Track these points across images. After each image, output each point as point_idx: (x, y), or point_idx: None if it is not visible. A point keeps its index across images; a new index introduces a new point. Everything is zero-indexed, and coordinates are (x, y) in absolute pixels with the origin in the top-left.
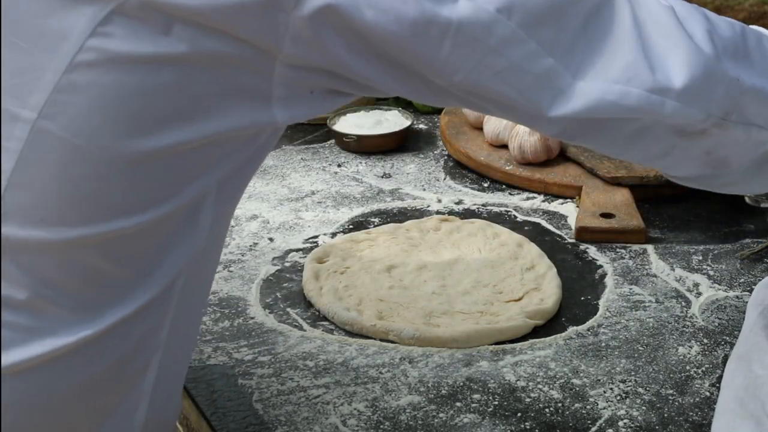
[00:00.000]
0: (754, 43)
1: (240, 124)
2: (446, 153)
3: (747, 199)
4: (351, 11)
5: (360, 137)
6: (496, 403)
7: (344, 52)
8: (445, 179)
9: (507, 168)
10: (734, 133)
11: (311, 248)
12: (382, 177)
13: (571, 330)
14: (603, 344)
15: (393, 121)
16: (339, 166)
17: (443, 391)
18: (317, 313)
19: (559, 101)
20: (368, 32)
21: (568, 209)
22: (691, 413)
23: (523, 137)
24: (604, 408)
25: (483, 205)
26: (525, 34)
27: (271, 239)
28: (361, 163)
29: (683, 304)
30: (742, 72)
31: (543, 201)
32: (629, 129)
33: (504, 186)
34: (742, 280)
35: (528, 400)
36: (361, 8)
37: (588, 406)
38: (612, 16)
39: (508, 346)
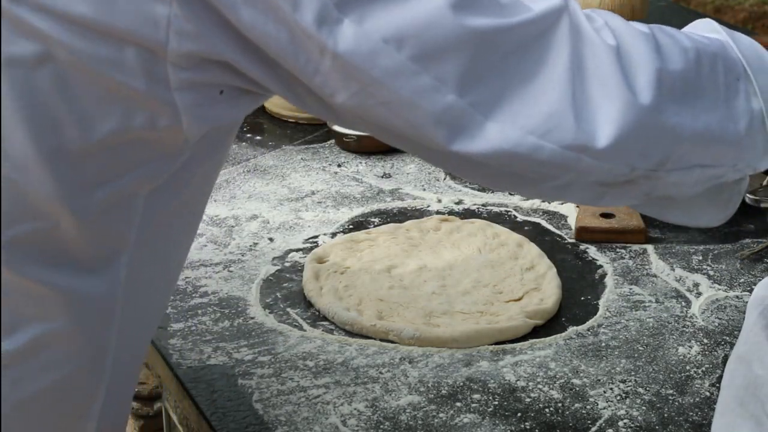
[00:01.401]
0: (707, 70)
1: (125, 127)
2: None
3: (747, 199)
4: (226, 7)
5: (360, 137)
6: (496, 403)
7: (228, 50)
8: (445, 179)
9: None
10: (669, 179)
11: (311, 248)
12: (382, 177)
13: (571, 330)
14: (603, 344)
15: None
16: (339, 166)
17: (443, 391)
18: (317, 313)
19: (463, 138)
20: (246, 31)
21: (568, 209)
22: (691, 413)
23: None
24: (604, 408)
25: (483, 205)
26: (418, 67)
27: (271, 239)
28: (361, 163)
29: (683, 304)
30: (685, 115)
31: (543, 201)
32: (548, 184)
33: None
34: (742, 280)
35: (528, 400)
36: (238, 6)
37: (588, 406)
38: (546, 53)
39: (508, 346)
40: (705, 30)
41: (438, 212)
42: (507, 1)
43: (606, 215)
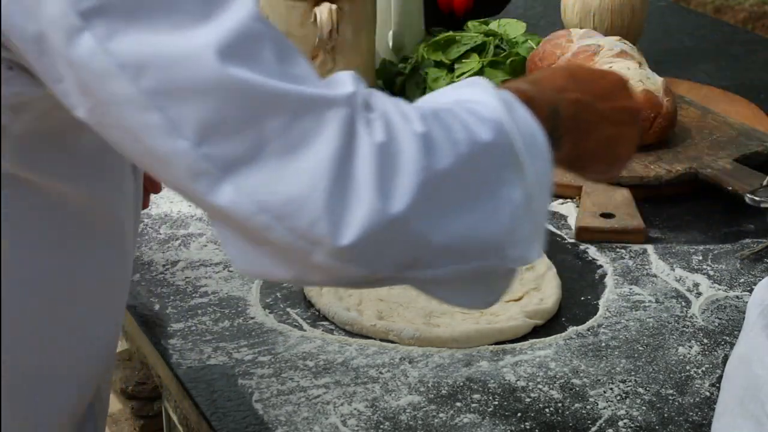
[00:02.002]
0: (476, 165)
1: None
2: None
3: (747, 200)
4: None
5: None
6: (496, 403)
7: None
8: None
9: None
10: (420, 277)
11: None
12: None
13: (571, 330)
14: (603, 344)
15: None
16: None
17: (443, 391)
18: (317, 313)
19: (196, 185)
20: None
21: (568, 209)
22: (691, 413)
23: None
24: (604, 408)
25: None
26: (150, 102)
27: None
28: None
29: (683, 304)
30: (443, 220)
31: None
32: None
33: None
34: (742, 280)
35: (528, 400)
36: None
37: (588, 406)
38: (312, 136)
39: (508, 346)
40: (484, 96)
41: None
42: (297, 70)
43: (606, 215)
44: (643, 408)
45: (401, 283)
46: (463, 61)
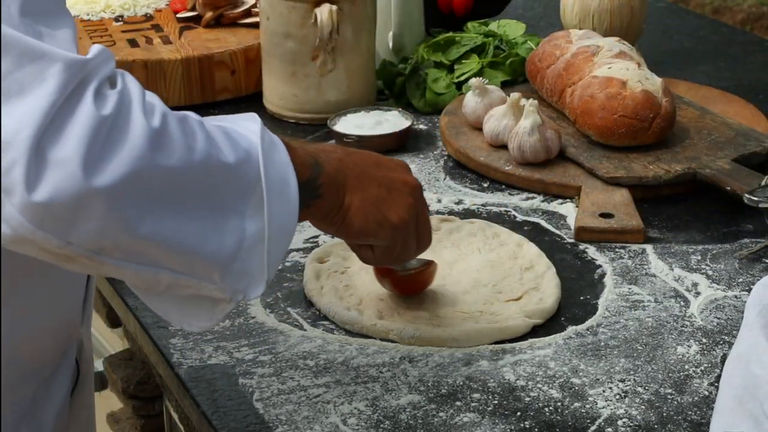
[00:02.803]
0: (207, 178)
1: None
2: (446, 153)
3: (745, 200)
4: None
5: (360, 138)
6: (496, 402)
7: None
8: (444, 179)
9: (506, 168)
10: (124, 269)
11: (312, 248)
12: None
13: (571, 329)
14: (602, 344)
15: (393, 121)
16: None
17: (443, 391)
18: (318, 312)
19: None
20: None
21: (568, 209)
22: (689, 412)
23: (522, 137)
24: (604, 407)
25: (483, 205)
26: None
27: None
28: None
29: (682, 303)
30: (151, 214)
31: (542, 201)
32: None
33: (503, 186)
34: (740, 279)
35: (527, 399)
36: None
37: (587, 406)
38: (31, 84)
39: (507, 346)
40: (251, 130)
41: (438, 212)
42: (42, 28)
43: (605, 215)
44: (642, 407)
45: (101, 271)
46: (463, 61)
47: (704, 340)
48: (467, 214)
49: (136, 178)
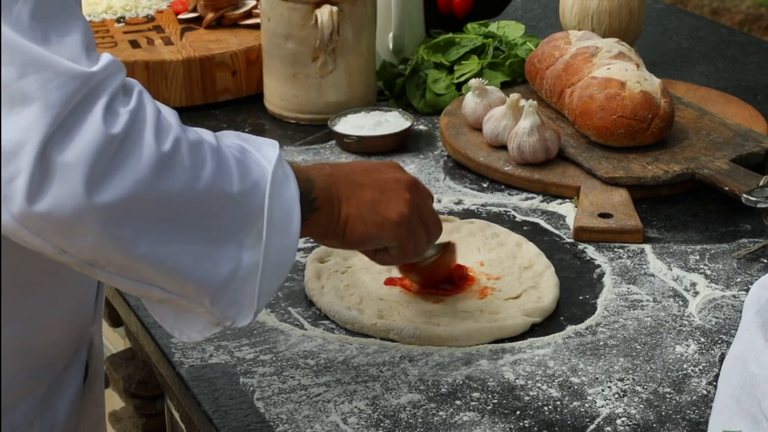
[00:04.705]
0: (208, 207)
1: None
2: (446, 153)
3: (743, 200)
4: None
5: (360, 138)
6: (496, 401)
7: None
8: (444, 179)
9: (506, 168)
10: (117, 282)
11: (312, 248)
12: None
13: (570, 329)
14: (601, 343)
15: (393, 122)
16: None
17: (443, 390)
18: (318, 312)
19: None
20: None
21: (567, 209)
22: (688, 411)
23: (522, 138)
24: (603, 406)
25: (482, 205)
26: None
27: None
28: None
29: (680, 303)
30: (146, 235)
31: (542, 201)
32: None
33: (503, 186)
34: (738, 279)
35: (527, 398)
36: None
37: (586, 405)
38: (33, 92)
39: (507, 345)
40: (266, 161)
41: (438, 212)
42: (52, 33)
43: (604, 215)
44: (641, 406)
45: (95, 278)
46: (463, 62)
47: (702, 340)
48: (467, 214)
49: (135, 201)
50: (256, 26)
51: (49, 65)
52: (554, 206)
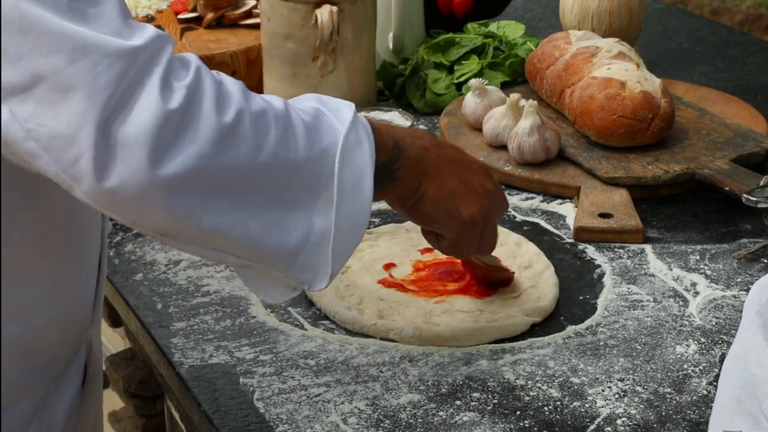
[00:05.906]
0: (273, 176)
1: None
2: None
3: (744, 200)
4: None
5: None
6: (496, 401)
7: None
8: None
9: (506, 168)
10: (192, 249)
11: None
12: None
13: (570, 329)
14: (601, 343)
15: (393, 121)
16: None
17: (443, 390)
18: (318, 312)
19: None
20: None
21: (567, 209)
22: (688, 411)
23: (522, 138)
24: (603, 406)
25: None
26: None
27: None
28: None
29: (681, 303)
30: (214, 206)
31: (542, 201)
32: None
33: (503, 186)
34: (739, 279)
35: (527, 398)
36: None
37: (586, 405)
38: (85, 77)
39: (507, 345)
40: (340, 124)
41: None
42: (92, 8)
43: (604, 215)
44: (641, 406)
45: (169, 246)
46: (463, 62)
47: (703, 340)
48: None
49: (198, 174)
50: (256, 26)
51: (96, 47)
52: (554, 206)
